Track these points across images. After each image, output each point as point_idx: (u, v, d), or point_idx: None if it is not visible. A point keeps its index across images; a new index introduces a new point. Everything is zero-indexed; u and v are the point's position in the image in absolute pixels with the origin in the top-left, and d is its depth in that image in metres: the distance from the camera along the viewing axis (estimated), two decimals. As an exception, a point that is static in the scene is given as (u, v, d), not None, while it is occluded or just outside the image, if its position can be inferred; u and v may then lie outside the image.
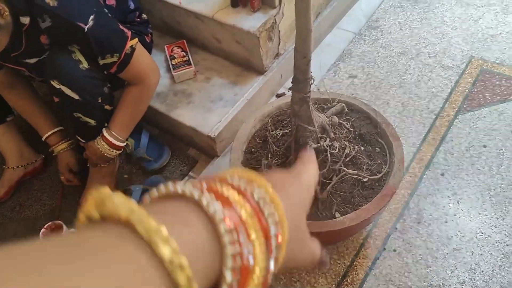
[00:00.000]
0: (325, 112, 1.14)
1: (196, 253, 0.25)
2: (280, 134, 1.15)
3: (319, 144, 1.00)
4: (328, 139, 1.02)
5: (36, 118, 1.47)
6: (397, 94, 1.59)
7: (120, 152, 1.37)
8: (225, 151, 1.49)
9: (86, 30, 1.10)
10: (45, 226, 1.33)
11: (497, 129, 1.43)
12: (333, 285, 1.18)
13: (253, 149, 1.18)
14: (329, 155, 1.01)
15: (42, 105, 1.48)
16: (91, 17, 1.10)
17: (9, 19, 1.06)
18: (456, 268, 1.16)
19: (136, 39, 1.24)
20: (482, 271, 1.15)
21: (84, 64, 1.17)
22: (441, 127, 1.47)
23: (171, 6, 1.56)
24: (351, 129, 1.13)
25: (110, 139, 1.31)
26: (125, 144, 1.37)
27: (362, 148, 1.11)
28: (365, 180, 1.05)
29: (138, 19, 1.48)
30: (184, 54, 1.59)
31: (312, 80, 0.87)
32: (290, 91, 0.93)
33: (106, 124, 1.31)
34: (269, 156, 1.11)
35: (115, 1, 1.35)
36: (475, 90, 1.55)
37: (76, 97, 1.19)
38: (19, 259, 0.20)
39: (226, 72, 1.57)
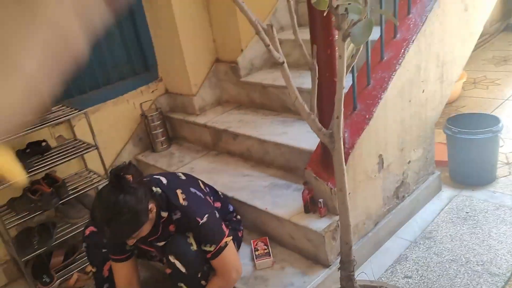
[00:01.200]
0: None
1: None
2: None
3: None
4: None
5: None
6: (448, 295, 1.81)
7: None
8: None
9: (201, 223, 1.60)
10: None
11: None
12: None
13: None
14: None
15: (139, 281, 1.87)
16: (206, 215, 1.62)
17: (155, 214, 1.60)
18: None
19: (231, 237, 1.70)
20: None
21: (194, 247, 1.63)
22: (488, 327, 1.62)
23: (259, 210, 2.07)
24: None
25: None
26: None
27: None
28: None
29: (234, 219, 2.00)
30: (266, 248, 2.02)
31: (355, 262, 1.22)
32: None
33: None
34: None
35: (221, 204, 1.90)
36: (520, 296, 1.72)
37: (184, 270, 1.61)
38: None
39: (297, 263, 1.94)
